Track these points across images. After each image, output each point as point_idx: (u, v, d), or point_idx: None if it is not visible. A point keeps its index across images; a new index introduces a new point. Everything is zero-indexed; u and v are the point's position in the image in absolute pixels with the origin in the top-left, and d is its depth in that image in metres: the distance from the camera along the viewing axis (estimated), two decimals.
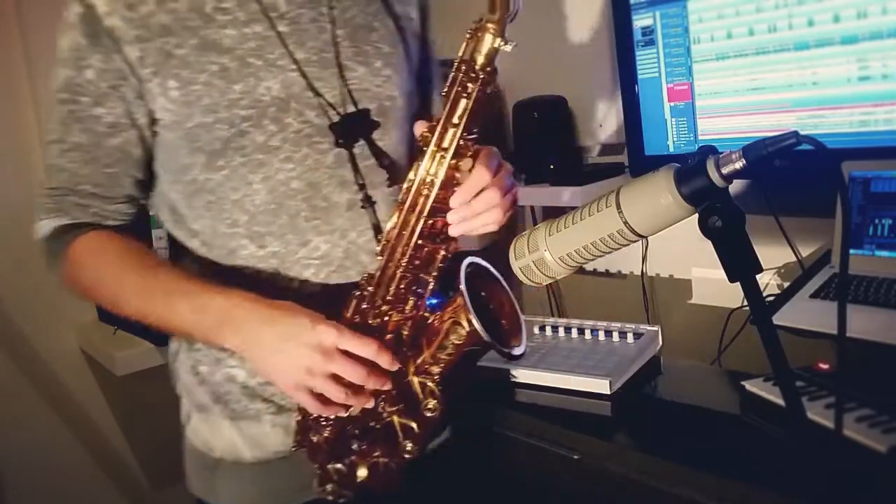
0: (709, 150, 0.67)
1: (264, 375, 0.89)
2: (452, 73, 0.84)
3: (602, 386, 1.17)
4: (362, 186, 0.95)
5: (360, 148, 0.95)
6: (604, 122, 2.00)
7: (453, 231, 0.89)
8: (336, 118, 0.93)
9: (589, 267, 2.04)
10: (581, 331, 1.39)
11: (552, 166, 1.92)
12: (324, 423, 0.90)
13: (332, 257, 0.94)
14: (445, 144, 0.85)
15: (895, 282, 1.26)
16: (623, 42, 1.74)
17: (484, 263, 0.91)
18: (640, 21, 1.69)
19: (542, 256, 0.78)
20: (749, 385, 1.14)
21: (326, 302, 0.89)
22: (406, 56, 1.05)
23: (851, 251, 1.36)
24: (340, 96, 0.93)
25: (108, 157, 0.91)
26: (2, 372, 1.84)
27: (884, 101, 1.36)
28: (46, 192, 0.93)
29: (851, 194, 1.38)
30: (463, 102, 0.84)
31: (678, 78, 1.65)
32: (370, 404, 0.86)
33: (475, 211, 0.87)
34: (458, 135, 0.85)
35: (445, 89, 0.85)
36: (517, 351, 0.88)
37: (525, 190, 1.97)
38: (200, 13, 0.87)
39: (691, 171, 0.67)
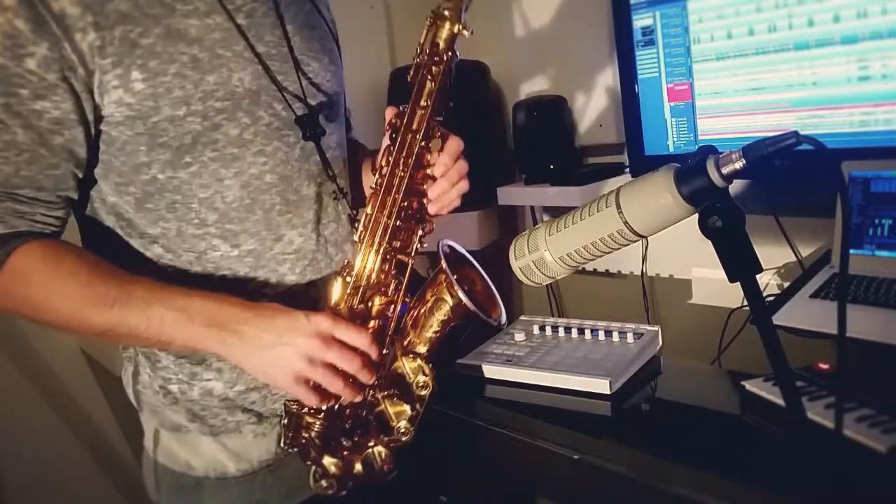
0: (709, 150, 0.67)
1: (258, 374, 0.87)
2: (416, 60, 0.88)
3: (602, 386, 1.17)
4: (333, 177, 0.96)
5: (324, 141, 0.96)
6: (604, 122, 2.01)
7: (432, 209, 0.92)
8: (300, 112, 0.92)
9: (589, 267, 2.04)
10: (581, 331, 1.39)
11: (552, 166, 1.92)
12: (312, 419, 0.90)
13: (305, 250, 0.95)
14: (415, 126, 0.88)
15: (895, 282, 1.26)
16: (623, 42, 1.74)
17: (454, 245, 0.94)
18: (640, 21, 1.69)
19: (542, 256, 0.78)
20: (749, 385, 1.14)
21: (304, 298, 0.91)
22: (339, 55, 1.08)
23: (851, 251, 1.36)
24: (302, 90, 0.93)
25: (54, 156, 0.82)
26: (2, 372, 1.83)
27: (884, 101, 1.36)
28: None
29: (851, 194, 1.38)
30: (428, 85, 0.87)
31: (678, 78, 1.65)
32: (359, 398, 0.87)
33: (452, 180, 0.90)
34: (427, 116, 0.88)
35: (410, 75, 0.88)
36: (502, 320, 0.92)
37: (525, 190, 1.97)
38: (160, 1, 0.82)
39: (691, 171, 0.67)
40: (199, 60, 0.83)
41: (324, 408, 0.88)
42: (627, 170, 1.89)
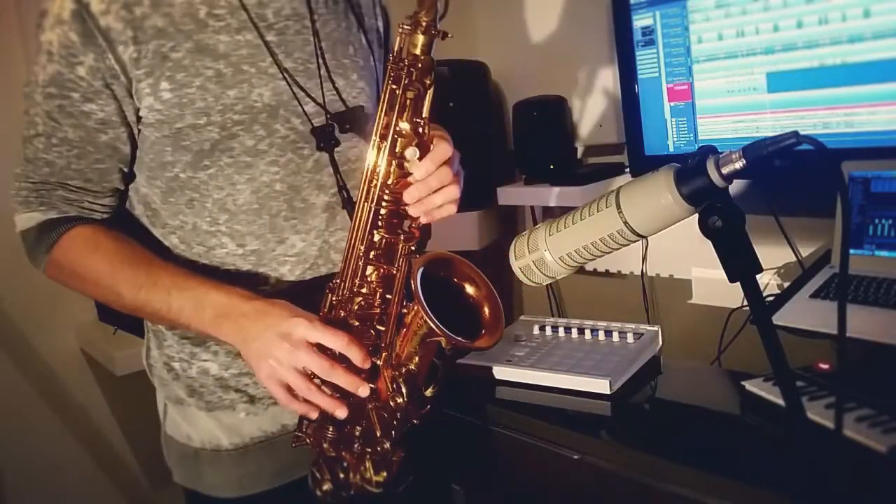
0: (709, 150, 0.67)
1: (249, 363, 0.90)
2: (392, 67, 0.88)
3: (602, 386, 1.17)
4: (342, 188, 0.99)
5: (338, 154, 0.99)
6: (604, 122, 2.00)
7: (412, 211, 0.90)
8: (318, 125, 0.97)
9: (589, 267, 2.04)
10: (581, 331, 1.39)
11: (552, 166, 1.92)
12: (312, 422, 0.91)
13: (307, 255, 0.99)
14: (387, 134, 0.89)
15: (895, 282, 1.26)
16: (623, 42, 1.74)
17: (444, 256, 0.91)
18: (640, 21, 1.69)
19: (542, 256, 0.79)
20: (749, 385, 1.14)
21: (301, 298, 0.93)
22: (374, 68, 1.10)
23: (851, 251, 1.36)
24: (324, 105, 0.97)
25: (99, 152, 0.93)
26: (2, 372, 1.83)
27: (884, 101, 1.36)
28: (28, 185, 0.94)
29: (851, 194, 1.38)
30: (408, 93, 0.88)
31: (678, 78, 1.65)
32: (340, 411, 0.87)
33: (431, 186, 0.89)
34: (400, 122, 0.88)
35: (387, 82, 0.88)
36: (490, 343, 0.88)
37: (525, 190, 1.97)
38: (194, 18, 0.89)
39: (691, 170, 0.67)
40: (222, 75, 0.90)
41: (314, 415, 0.89)
42: (627, 170, 1.89)
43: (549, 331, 1.42)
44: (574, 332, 1.39)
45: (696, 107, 1.64)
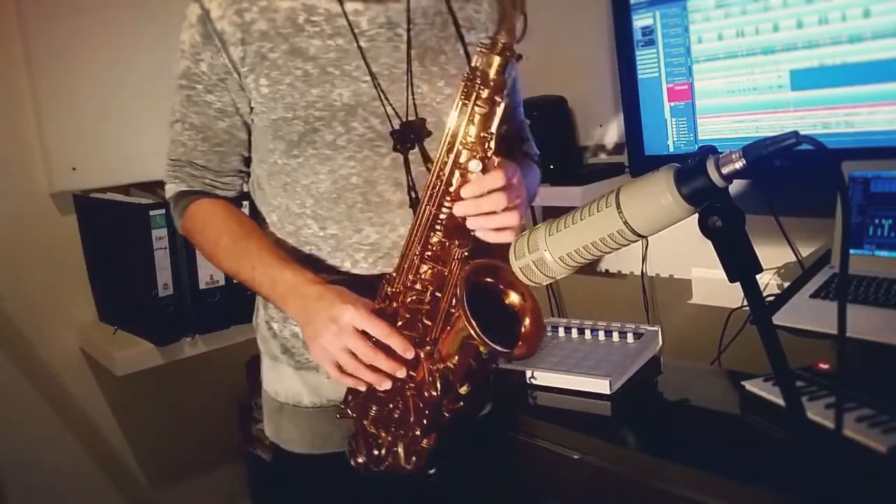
0: (709, 150, 0.67)
1: (306, 340, 0.99)
2: (465, 83, 0.94)
3: (602, 386, 1.17)
4: (411, 188, 1.05)
5: (414, 155, 1.05)
6: (604, 122, 2.01)
7: (469, 223, 0.95)
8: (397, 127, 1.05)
9: (589, 267, 2.04)
10: (581, 331, 1.39)
11: (552, 166, 1.92)
12: (356, 398, 1.00)
13: (380, 246, 1.06)
14: (452, 149, 0.95)
15: (895, 282, 1.26)
16: (623, 42, 1.74)
17: (495, 264, 0.95)
18: (640, 21, 1.69)
19: (542, 256, 0.79)
20: (749, 385, 1.15)
21: (373, 285, 1.01)
22: None
23: (851, 251, 1.36)
24: (403, 108, 1.05)
25: (217, 137, 1.08)
26: (2, 372, 1.83)
27: (884, 101, 1.36)
28: (170, 162, 1.12)
29: (851, 194, 1.38)
30: (477, 109, 0.93)
31: (678, 78, 1.65)
32: (384, 384, 0.93)
33: (480, 207, 0.94)
34: (467, 139, 0.94)
35: (460, 97, 0.94)
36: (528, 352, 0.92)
37: None
38: (294, 23, 1.01)
39: (691, 171, 0.67)
40: (309, 75, 1.01)
41: (362, 388, 0.97)
42: (627, 170, 1.89)
43: (549, 331, 1.42)
44: (574, 332, 1.39)
45: (696, 107, 1.64)
